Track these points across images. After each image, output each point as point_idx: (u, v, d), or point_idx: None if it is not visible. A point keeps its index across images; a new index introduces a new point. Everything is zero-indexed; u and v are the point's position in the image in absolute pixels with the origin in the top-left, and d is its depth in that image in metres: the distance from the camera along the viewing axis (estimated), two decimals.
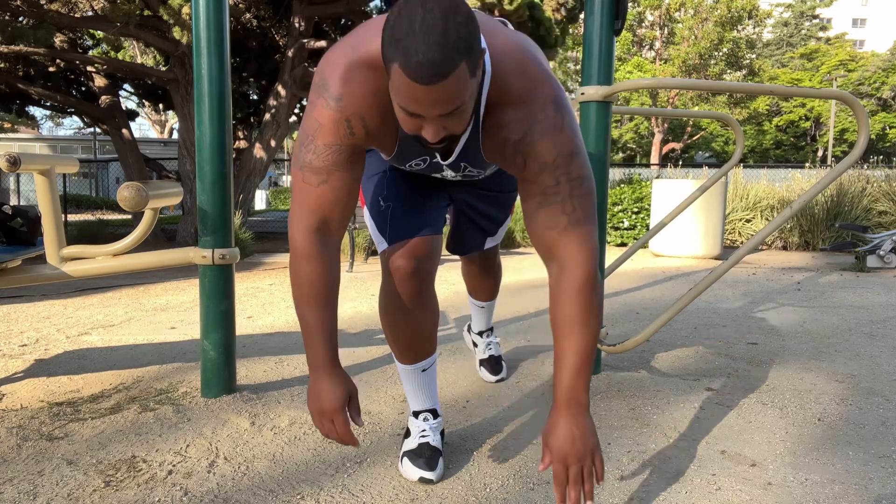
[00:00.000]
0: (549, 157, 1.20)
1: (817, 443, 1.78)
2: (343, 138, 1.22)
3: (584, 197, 1.23)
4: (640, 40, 25.88)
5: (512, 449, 1.73)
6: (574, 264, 1.24)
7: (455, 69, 0.99)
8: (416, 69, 0.98)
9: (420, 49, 0.97)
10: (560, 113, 1.20)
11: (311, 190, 1.26)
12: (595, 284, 1.25)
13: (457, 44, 0.98)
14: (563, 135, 1.20)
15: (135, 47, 12.92)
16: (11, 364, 2.57)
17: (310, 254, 1.28)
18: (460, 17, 0.99)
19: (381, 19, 1.23)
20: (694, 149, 31.17)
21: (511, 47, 1.20)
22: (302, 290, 1.30)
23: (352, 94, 1.19)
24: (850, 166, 2.04)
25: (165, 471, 1.58)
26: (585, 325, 1.24)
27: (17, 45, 6.90)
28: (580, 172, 1.23)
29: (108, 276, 4.71)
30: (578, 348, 1.24)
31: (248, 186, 8.34)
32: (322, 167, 1.24)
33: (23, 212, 2.19)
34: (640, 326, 3.31)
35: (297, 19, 7.74)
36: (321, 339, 1.29)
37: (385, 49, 1.01)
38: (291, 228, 1.31)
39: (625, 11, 2.16)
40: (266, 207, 25.80)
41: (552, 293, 1.28)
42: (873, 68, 31.62)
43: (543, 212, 1.24)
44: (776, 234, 7.76)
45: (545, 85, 1.20)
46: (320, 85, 1.22)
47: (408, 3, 1.00)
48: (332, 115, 1.20)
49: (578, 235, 1.24)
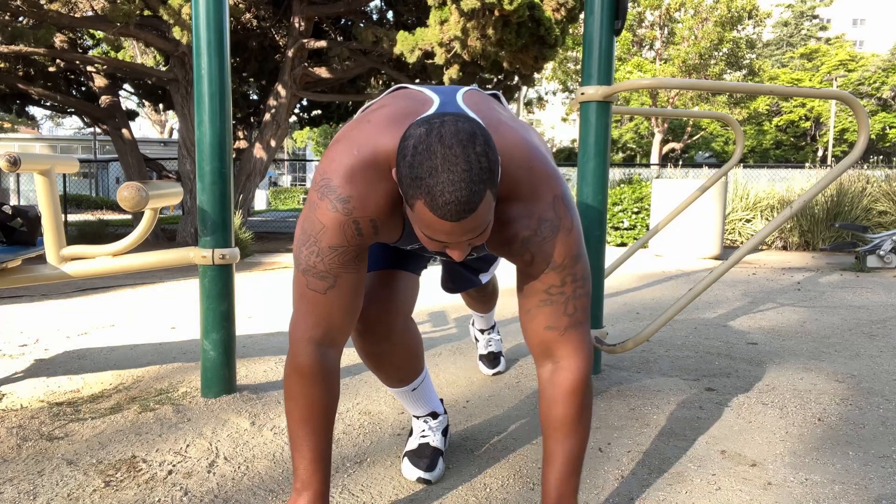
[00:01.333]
0: (558, 258, 1.18)
1: (817, 443, 1.78)
2: (351, 240, 1.17)
3: (585, 297, 1.22)
4: (640, 40, 25.87)
5: (512, 449, 1.73)
6: (571, 366, 1.22)
7: (482, 200, 0.99)
8: (445, 208, 0.97)
9: (446, 189, 0.96)
10: (569, 212, 1.19)
11: (317, 298, 1.20)
12: (588, 386, 1.24)
13: (480, 175, 0.98)
14: (572, 236, 1.19)
15: (135, 47, 12.91)
16: (11, 364, 2.57)
17: (311, 372, 1.22)
18: (479, 145, 0.99)
19: (392, 112, 1.19)
20: (694, 149, 31.18)
21: (517, 142, 1.18)
22: (299, 409, 1.24)
23: (360, 196, 1.15)
24: (850, 166, 2.04)
25: (165, 471, 1.58)
26: (577, 429, 1.23)
27: (17, 45, 6.89)
28: (584, 273, 1.22)
29: (108, 276, 4.71)
30: (568, 453, 1.23)
31: (248, 186, 8.34)
32: (328, 271, 1.18)
33: (23, 212, 2.19)
34: (640, 326, 3.31)
35: (297, 19, 7.74)
36: (315, 470, 1.24)
37: (405, 185, 1.00)
38: (293, 336, 1.24)
39: (625, 11, 2.16)
40: (266, 207, 25.81)
41: (544, 391, 1.25)
42: (873, 68, 31.63)
43: (545, 311, 1.21)
44: (776, 234, 7.76)
45: (552, 182, 1.18)
46: (323, 185, 1.17)
47: (423, 138, 0.99)
48: (338, 217, 1.15)
49: (577, 337, 1.22)
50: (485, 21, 5.90)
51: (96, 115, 8.97)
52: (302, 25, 7.80)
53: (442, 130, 0.98)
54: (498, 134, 1.17)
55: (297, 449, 1.25)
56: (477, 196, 0.98)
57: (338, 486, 1.52)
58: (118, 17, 6.15)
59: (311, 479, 1.25)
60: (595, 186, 2.25)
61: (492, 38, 6.04)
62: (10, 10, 6.56)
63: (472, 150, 0.98)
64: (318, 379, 1.23)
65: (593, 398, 1.26)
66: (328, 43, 7.96)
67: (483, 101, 1.27)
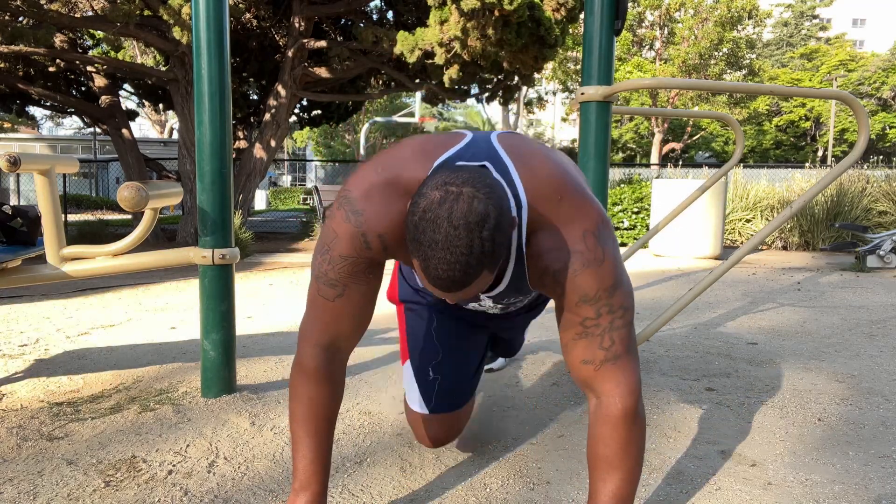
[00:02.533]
0: (590, 291, 1.14)
1: (817, 443, 1.78)
2: (360, 251, 1.18)
3: (624, 328, 1.18)
4: (640, 40, 25.85)
5: (512, 449, 1.73)
6: (612, 400, 1.18)
7: (477, 278, 1.00)
8: (436, 280, 1.00)
9: (440, 266, 0.98)
10: (601, 242, 1.15)
11: (326, 304, 1.22)
12: (636, 419, 1.18)
13: (480, 259, 0.98)
14: (605, 267, 1.15)
15: (135, 47, 12.90)
16: (11, 364, 2.57)
17: (316, 373, 1.24)
18: (486, 230, 0.98)
19: (423, 142, 1.21)
20: (694, 149, 31.17)
21: (547, 172, 1.17)
22: (301, 409, 1.26)
23: (373, 211, 1.16)
24: (850, 166, 2.04)
25: (165, 471, 1.58)
26: (620, 466, 1.18)
27: (17, 45, 6.89)
28: (622, 302, 1.17)
29: (108, 276, 4.71)
30: (611, 493, 1.18)
31: (248, 186, 8.34)
32: (338, 279, 1.20)
33: (23, 212, 2.19)
34: (640, 326, 3.31)
35: (297, 19, 7.74)
36: (315, 471, 1.25)
37: (408, 238, 1.02)
38: (301, 337, 1.26)
39: (625, 11, 2.16)
40: (266, 207, 25.80)
41: (590, 425, 1.22)
42: (873, 68, 31.62)
43: (581, 345, 1.18)
44: (776, 234, 7.76)
45: (584, 211, 1.16)
46: (344, 196, 1.20)
47: (434, 205, 0.99)
48: (349, 228, 1.17)
49: (616, 370, 1.17)
50: (485, 21, 5.90)
51: (96, 115, 8.97)
52: (302, 25, 7.80)
53: (454, 207, 0.97)
54: (528, 167, 1.16)
55: (298, 449, 1.25)
56: (471, 277, 0.99)
57: (338, 486, 1.52)
58: (118, 17, 6.15)
59: (311, 480, 1.25)
60: (595, 186, 2.25)
61: (492, 38, 6.04)
62: (10, 10, 6.56)
63: (479, 234, 0.97)
64: (321, 381, 1.24)
65: (643, 435, 1.22)
66: (328, 43, 7.96)
67: (517, 137, 1.26)
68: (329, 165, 32.80)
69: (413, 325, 1.63)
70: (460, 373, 1.59)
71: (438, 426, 1.57)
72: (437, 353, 1.58)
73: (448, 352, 1.58)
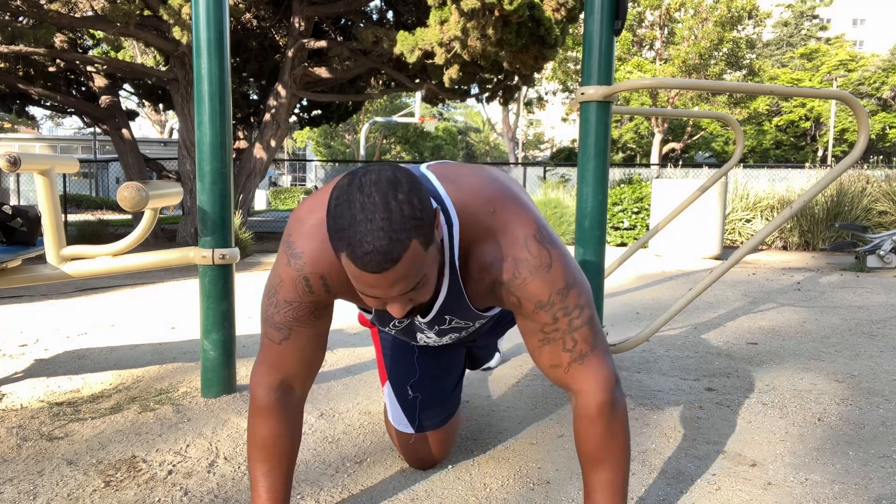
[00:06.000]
0: (543, 297, 1.14)
1: (817, 443, 1.78)
2: (302, 295, 1.17)
3: (585, 325, 1.17)
4: (640, 40, 25.84)
5: (512, 449, 1.73)
6: (586, 398, 1.19)
7: (406, 250, 0.93)
8: (364, 259, 0.92)
9: (365, 238, 0.91)
10: (544, 247, 1.14)
11: (273, 346, 1.22)
12: (613, 410, 1.19)
13: (403, 223, 0.92)
14: (553, 270, 1.14)
15: (135, 47, 12.90)
16: (11, 364, 2.57)
17: (268, 409, 1.24)
18: (402, 192, 0.94)
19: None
20: (694, 149, 31.17)
21: (476, 186, 1.16)
22: (256, 448, 1.25)
23: (312, 252, 1.14)
24: (850, 166, 2.04)
25: (165, 471, 1.58)
26: (606, 458, 1.19)
27: (17, 45, 6.89)
28: (577, 302, 1.16)
29: (108, 276, 4.71)
30: (603, 483, 1.20)
31: (248, 186, 8.34)
32: (283, 323, 1.20)
33: (23, 212, 2.19)
34: (640, 326, 3.31)
35: (297, 19, 7.74)
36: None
37: (331, 240, 0.96)
38: (251, 378, 1.26)
39: (625, 11, 2.16)
40: (266, 207, 25.80)
41: (573, 423, 1.24)
42: (873, 68, 31.62)
43: (546, 350, 1.19)
44: (776, 234, 7.76)
45: (520, 218, 1.14)
46: (285, 240, 1.19)
47: (344, 188, 0.95)
48: (290, 272, 1.16)
49: (584, 369, 1.19)
50: (485, 21, 5.90)
51: (96, 115, 8.97)
52: (302, 25, 7.80)
53: (363, 179, 0.95)
54: (455, 185, 1.16)
55: (254, 489, 1.25)
56: (399, 245, 0.92)
57: (338, 485, 1.52)
58: (118, 17, 6.15)
59: None
60: (595, 186, 2.25)
61: (492, 38, 6.03)
62: (10, 10, 6.56)
63: (394, 196, 0.93)
64: (273, 420, 1.24)
65: (625, 425, 1.23)
66: (328, 43, 7.95)
67: (446, 164, 1.26)
68: (329, 165, 32.77)
69: (387, 347, 1.65)
70: (439, 389, 1.60)
71: (426, 445, 1.58)
72: (415, 372, 1.59)
73: (424, 369, 1.59)
